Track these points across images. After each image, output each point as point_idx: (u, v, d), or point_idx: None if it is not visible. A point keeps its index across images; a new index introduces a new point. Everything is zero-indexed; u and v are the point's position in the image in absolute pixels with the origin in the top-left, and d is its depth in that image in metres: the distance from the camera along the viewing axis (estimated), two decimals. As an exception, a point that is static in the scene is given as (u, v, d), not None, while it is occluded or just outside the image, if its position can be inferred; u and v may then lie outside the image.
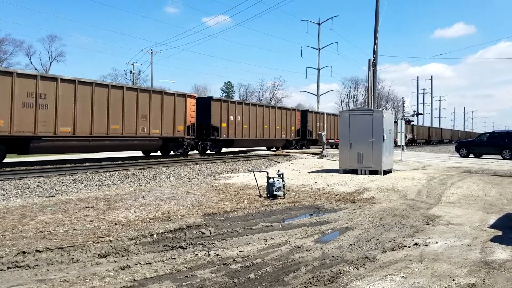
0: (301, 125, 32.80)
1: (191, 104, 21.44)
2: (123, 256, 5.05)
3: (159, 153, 21.46)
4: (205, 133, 22.98)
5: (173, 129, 20.23)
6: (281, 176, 9.47)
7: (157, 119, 19.38)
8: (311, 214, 7.99)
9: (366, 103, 25.81)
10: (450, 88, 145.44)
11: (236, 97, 77.30)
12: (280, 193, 9.39)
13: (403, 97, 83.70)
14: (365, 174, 14.01)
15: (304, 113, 34.12)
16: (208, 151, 23.79)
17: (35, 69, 55.55)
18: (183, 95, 20.96)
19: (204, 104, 23.01)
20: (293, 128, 31.42)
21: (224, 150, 26.15)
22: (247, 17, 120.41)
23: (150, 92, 19.21)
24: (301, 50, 50.38)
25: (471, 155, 26.10)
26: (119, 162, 17.50)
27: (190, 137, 21.42)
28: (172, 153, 21.31)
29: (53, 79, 15.31)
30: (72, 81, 15.87)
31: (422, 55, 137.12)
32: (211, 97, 23.81)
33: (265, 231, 6.41)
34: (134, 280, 4.22)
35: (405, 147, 26.76)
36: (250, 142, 26.93)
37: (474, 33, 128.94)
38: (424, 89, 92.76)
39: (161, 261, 4.83)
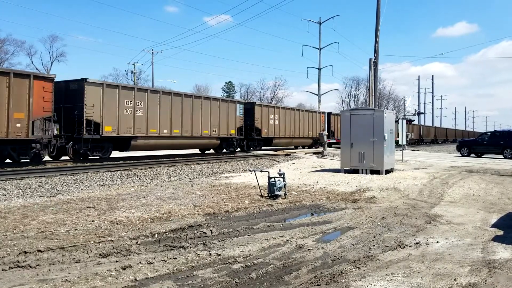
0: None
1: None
2: (124, 256, 5.05)
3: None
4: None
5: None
6: (282, 176, 9.47)
7: None
8: (312, 214, 7.99)
9: (367, 103, 25.82)
10: (451, 87, 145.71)
11: (237, 97, 77.07)
12: (281, 192, 9.39)
13: (404, 97, 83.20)
14: (366, 173, 13.99)
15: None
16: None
17: (36, 69, 55.62)
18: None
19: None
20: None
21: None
22: (248, 16, 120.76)
23: None
24: (302, 50, 50.61)
25: (473, 155, 26.06)
26: (120, 162, 17.49)
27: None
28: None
29: None
30: None
31: (423, 54, 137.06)
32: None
33: (266, 230, 6.40)
34: (136, 279, 4.23)
35: (406, 146, 26.78)
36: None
37: (476, 32, 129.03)
38: (425, 89, 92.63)
39: (162, 260, 4.83)
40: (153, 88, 20.94)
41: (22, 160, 14.77)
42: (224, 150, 24.99)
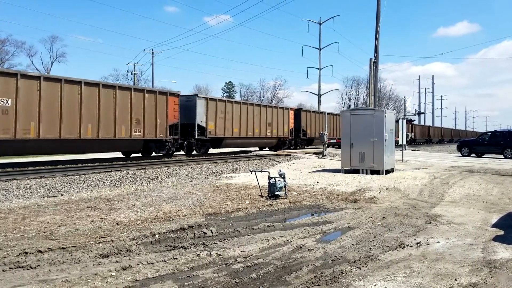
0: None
1: None
2: (125, 256, 5.05)
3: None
4: None
5: None
6: (282, 176, 9.46)
7: None
8: (312, 214, 7.98)
9: (368, 103, 25.72)
10: (452, 87, 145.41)
11: (237, 97, 77.06)
12: (281, 193, 9.38)
13: (404, 97, 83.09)
14: (366, 173, 13.99)
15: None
16: None
17: (37, 69, 55.65)
18: None
19: None
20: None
21: None
22: (248, 17, 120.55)
23: None
24: (302, 50, 50.54)
25: (473, 155, 26.06)
26: (121, 162, 17.50)
27: None
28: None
29: None
30: None
31: (424, 54, 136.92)
32: None
33: (266, 231, 6.40)
34: (136, 280, 4.22)
35: (406, 146, 26.75)
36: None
37: (478, 31, 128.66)
38: (425, 89, 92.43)
39: (162, 261, 4.83)
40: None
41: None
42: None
